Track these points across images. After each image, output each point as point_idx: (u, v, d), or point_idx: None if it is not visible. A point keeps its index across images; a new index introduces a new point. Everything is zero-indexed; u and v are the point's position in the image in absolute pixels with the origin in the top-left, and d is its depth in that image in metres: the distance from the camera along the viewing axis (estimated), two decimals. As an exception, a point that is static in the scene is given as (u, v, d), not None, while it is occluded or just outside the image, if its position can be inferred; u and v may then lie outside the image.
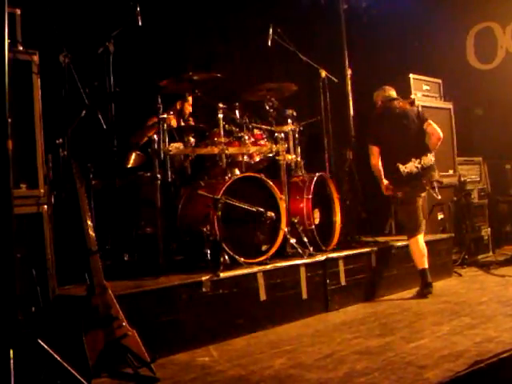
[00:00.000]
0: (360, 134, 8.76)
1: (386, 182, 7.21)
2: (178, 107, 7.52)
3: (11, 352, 3.46)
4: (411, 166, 7.09)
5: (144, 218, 6.31)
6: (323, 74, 7.81)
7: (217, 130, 6.47)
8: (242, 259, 5.93)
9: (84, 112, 5.93)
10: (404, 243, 7.59)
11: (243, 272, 5.77)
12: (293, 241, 6.51)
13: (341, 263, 6.66)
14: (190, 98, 7.55)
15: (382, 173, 7.22)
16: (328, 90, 7.82)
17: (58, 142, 5.66)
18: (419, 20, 10.60)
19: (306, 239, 6.64)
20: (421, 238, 7.15)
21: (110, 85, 6.25)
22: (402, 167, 7.07)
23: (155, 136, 6.06)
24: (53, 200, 5.19)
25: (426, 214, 7.91)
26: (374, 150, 7.24)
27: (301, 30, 9.44)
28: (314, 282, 6.33)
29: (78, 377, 3.81)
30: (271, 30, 7.50)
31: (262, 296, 5.82)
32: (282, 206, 6.40)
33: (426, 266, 7.04)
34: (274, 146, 6.80)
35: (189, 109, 7.62)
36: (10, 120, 3.69)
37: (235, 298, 5.62)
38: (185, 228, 6.20)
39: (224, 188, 5.97)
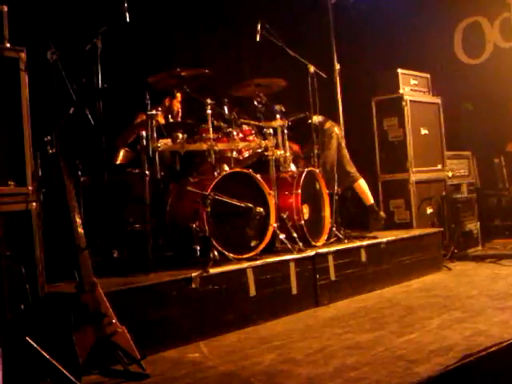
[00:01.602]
0: (349, 129, 8.77)
1: None
2: (167, 104, 7.51)
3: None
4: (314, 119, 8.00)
5: (133, 214, 6.29)
6: (312, 69, 7.78)
7: (205, 125, 6.46)
8: (232, 255, 5.94)
9: (72, 109, 5.90)
10: (393, 238, 7.62)
11: (233, 268, 5.77)
12: (282, 236, 6.51)
13: (330, 258, 6.67)
14: (179, 95, 7.54)
15: None
16: (317, 85, 7.80)
17: (46, 139, 5.63)
18: (407, 15, 10.60)
19: (295, 234, 6.64)
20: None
21: (98, 81, 6.23)
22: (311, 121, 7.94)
23: (143, 132, 6.05)
24: (41, 197, 5.17)
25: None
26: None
27: (289, 26, 9.44)
28: (303, 277, 6.33)
29: (68, 374, 3.81)
30: (259, 26, 7.48)
31: (252, 292, 5.82)
32: (271, 201, 6.40)
33: None
34: (263, 141, 6.80)
35: (177, 106, 7.61)
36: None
37: (225, 293, 5.62)
38: (174, 224, 6.20)
39: (213, 184, 5.97)
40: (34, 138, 4.85)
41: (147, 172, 5.95)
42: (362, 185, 8.45)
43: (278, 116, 7.19)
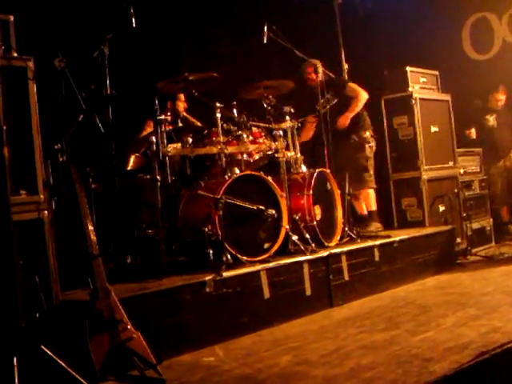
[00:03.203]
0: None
1: None
2: (169, 106, 7.51)
3: (15, 359, 3.46)
4: None
5: (145, 219, 6.32)
6: (320, 69, 7.79)
7: (215, 129, 6.47)
8: (245, 258, 5.93)
9: (81, 116, 5.92)
10: (406, 236, 7.61)
11: (246, 271, 5.77)
12: (295, 238, 6.50)
13: (344, 258, 6.66)
14: (182, 96, 7.54)
15: None
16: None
17: (56, 147, 5.65)
18: (414, 12, 10.59)
19: (307, 236, 6.64)
20: None
21: (107, 88, 6.25)
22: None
23: (153, 138, 6.07)
24: (53, 205, 5.19)
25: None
26: None
27: (296, 26, 9.43)
28: (317, 278, 6.33)
29: (84, 382, 3.81)
30: (266, 28, 7.48)
31: (266, 294, 5.82)
32: (283, 203, 6.39)
33: None
34: (273, 143, 6.81)
35: (182, 106, 7.60)
36: (5, 127, 3.69)
37: (239, 296, 5.62)
38: (186, 229, 6.20)
39: (224, 187, 5.97)
40: (45, 146, 4.87)
41: (158, 177, 5.96)
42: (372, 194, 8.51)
43: (287, 117, 7.19)
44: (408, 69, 9.02)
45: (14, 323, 3.53)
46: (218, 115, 6.44)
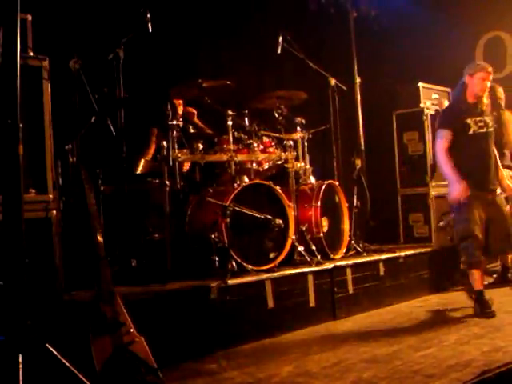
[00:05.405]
0: (368, 143, 8.76)
1: None
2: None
3: (20, 357, 3.46)
4: None
5: (152, 224, 6.32)
6: (332, 82, 7.80)
7: (226, 137, 6.49)
8: (250, 266, 5.94)
9: (93, 118, 5.93)
10: (411, 252, 7.61)
11: (251, 279, 5.78)
12: (301, 248, 6.51)
13: (348, 271, 6.67)
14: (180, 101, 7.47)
15: None
16: (337, 98, 7.81)
17: (67, 147, 5.67)
18: (428, 29, 10.58)
19: (314, 247, 6.65)
20: None
21: (120, 91, 6.26)
22: None
23: (164, 143, 6.08)
24: (61, 205, 5.20)
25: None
26: None
27: (310, 38, 9.45)
28: (321, 290, 6.33)
29: (86, 382, 3.81)
30: (281, 38, 7.50)
31: (270, 303, 5.82)
32: (291, 213, 6.40)
33: None
34: (283, 153, 6.82)
35: (181, 109, 7.48)
36: (21, 125, 3.70)
37: (243, 305, 5.63)
38: (193, 235, 6.21)
39: (232, 195, 5.98)
40: (56, 146, 4.89)
41: (167, 182, 5.97)
42: None
43: (298, 128, 7.20)
44: (420, 85, 9.00)
45: (19, 321, 3.54)
46: (230, 123, 6.46)
